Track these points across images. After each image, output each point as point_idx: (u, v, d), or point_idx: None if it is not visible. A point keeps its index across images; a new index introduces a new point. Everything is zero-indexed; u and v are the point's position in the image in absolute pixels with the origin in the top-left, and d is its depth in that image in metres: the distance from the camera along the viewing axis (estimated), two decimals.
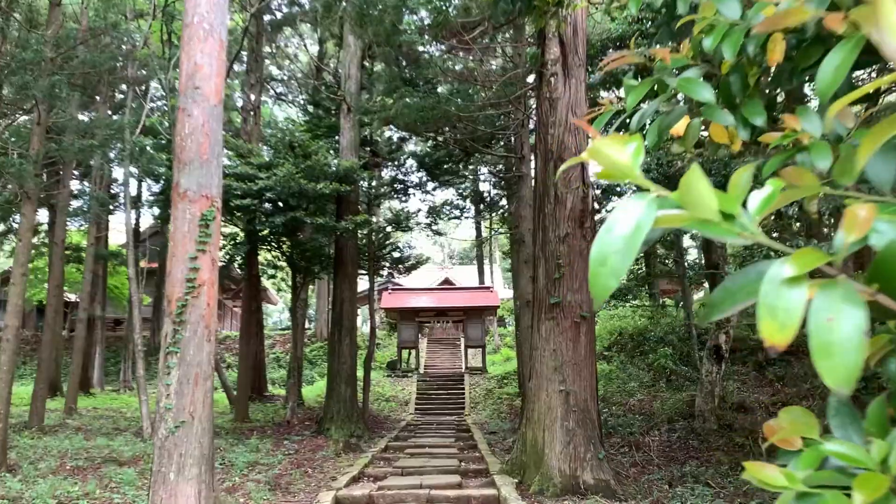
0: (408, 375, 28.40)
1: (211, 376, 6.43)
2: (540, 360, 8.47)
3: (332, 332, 16.76)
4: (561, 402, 8.15)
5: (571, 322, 8.34)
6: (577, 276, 8.46)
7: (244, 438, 14.76)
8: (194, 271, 6.42)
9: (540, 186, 9.01)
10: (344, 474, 9.89)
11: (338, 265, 16.94)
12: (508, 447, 13.88)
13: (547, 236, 8.69)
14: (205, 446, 6.20)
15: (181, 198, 6.57)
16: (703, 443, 13.81)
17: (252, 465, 11.49)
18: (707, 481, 10.66)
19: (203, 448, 6.18)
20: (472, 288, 33.64)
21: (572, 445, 7.99)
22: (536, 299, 8.77)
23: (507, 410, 21.65)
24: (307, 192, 14.89)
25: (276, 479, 9.70)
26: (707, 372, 15.10)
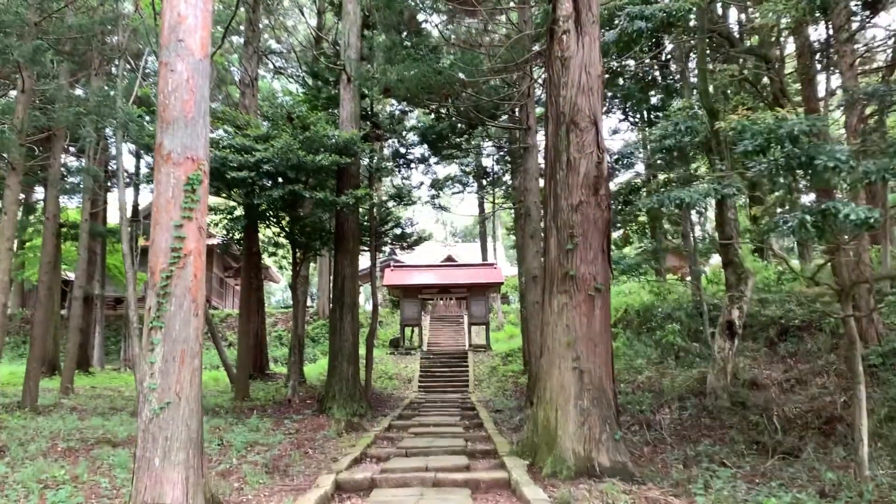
0: (411, 353, 28.04)
1: (199, 354, 5.95)
2: (552, 336, 7.98)
3: (333, 308, 16.31)
4: (574, 380, 7.68)
5: (585, 295, 7.84)
6: (592, 247, 7.94)
7: (244, 418, 14.37)
8: (179, 240, 5.91)
9: (551, 152, 8.46)
10: (345, 455, 9.47)
11: (338, 240, 16.43)
12: (515, 426, 13.46)
13: (559, 205, 8.16)
14: (192, 429, 5.74)
15: (165, 160, 6.04)
16: (716, 421, 13.40)
17: (251, 446, 11.08)
18: (723, 461, 10.25)
19: (191, 431, 5.71)
20: (475, 264, 33.17)
21: (587, 426, 7.53)
22: (548, 272, 8.25)
23: (511, 388, 21.27)
24: (306, 164, 14.34)
25: (275, 461, 9.28)
26: (719, 348, 14.66)
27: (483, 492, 7.14)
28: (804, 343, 17.75)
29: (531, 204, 16.55)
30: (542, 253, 8.47)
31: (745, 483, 8.35)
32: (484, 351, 27.69)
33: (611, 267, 8.13)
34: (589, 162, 8.06)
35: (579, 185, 8.03)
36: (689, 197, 7.81)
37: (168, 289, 5.81)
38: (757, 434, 12.31)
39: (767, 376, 17.18)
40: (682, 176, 11.21)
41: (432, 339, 30.74)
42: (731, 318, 14.63)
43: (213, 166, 14.21)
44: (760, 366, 17.84)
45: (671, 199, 7.95)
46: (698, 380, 16.21)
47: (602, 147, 8.15)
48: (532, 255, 16.41)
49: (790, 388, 15.38)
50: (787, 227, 6.49)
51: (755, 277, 15.20)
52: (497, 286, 30.44)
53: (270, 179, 14.50)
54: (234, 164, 14.07)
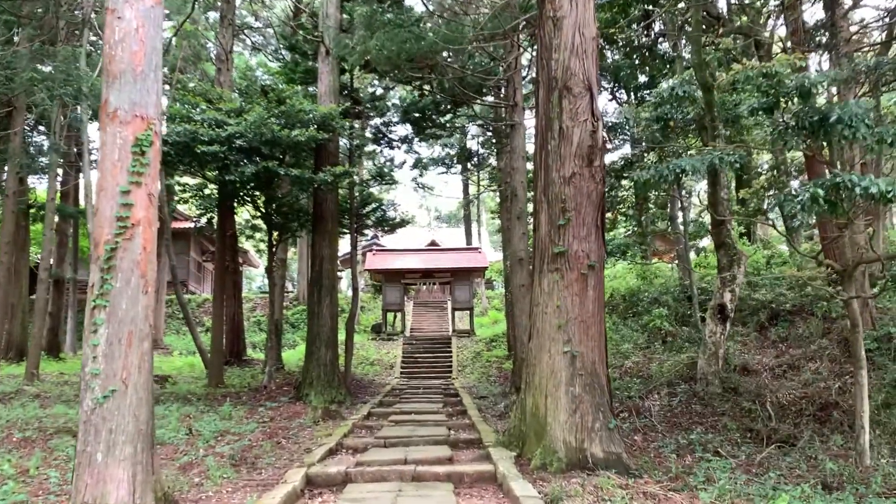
0: (393, 339, 27.45)
1: (149, 336, 5.29)
2: (542, 318, 7.40)
3: (310, 292, 15.64)
4: (566, 364, 7.12)
5: (578, 274, 7.26)
6: (585, 222, 7.35)
7: (216, 405, 13.72)
8: (126, 208, 5.23)
9: (542, 120, 7.84)
10: (320, 446, 8.87)
11: (316, 221, 15.73)
12: (500, 413, 12.93)
13: (550, 177, 7.56)
14: (141, 420, 5.09)
15: (111, 119, 5.34)
16: (707, 407, 12.98)
17: (221, 435, 10.47)
18: (717, 450, 9.82)
19: (139, 422, 5.07)
20: (459, 249, 32.56)
21: (579, 414, 6.98)
22: (537, 250, 7.66)
23: (496, 374, 20.77)
24: (281, 139, 13.62)
25: (244, 452, 8.66)
26: (710, 332, 14.24)
27: (467, 486, 6.58)
28: (795, 328, 17.41)
29: (518, 184, 15.95)
30: (533, 229, 7.86)
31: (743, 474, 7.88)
32: (468, 336, 27.18)
33: (605, 244, 7.56)
34: (583, 130, 7.46)
35: (572, 156, 7.43)
36: (691, 166, 7.25)
37: (113, 262, 5.14)
38: (750, 421, 11.92)
39: (758, 362, 16.81)
40: (677, 151, 10.65)
41: (415, 325, 30.16)
42: (723, 301, 14.19)
43: (182, 140, 13.48)
44: (751, 351, 17.47)
45: (671, 170, 7.38)
46: (688, 365, 15.82)
47: (597, 115, 7.55)
48: (518, 237, 15.83)
49: (782, 373, 15.03)
50: (798, 201, 5.95)
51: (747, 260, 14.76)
52: (481, 271, 29.90)
53: (244, 155, 13.74)
54: (205, 139, 13.32)
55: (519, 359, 15.38)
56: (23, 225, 24.56)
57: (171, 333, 31.38)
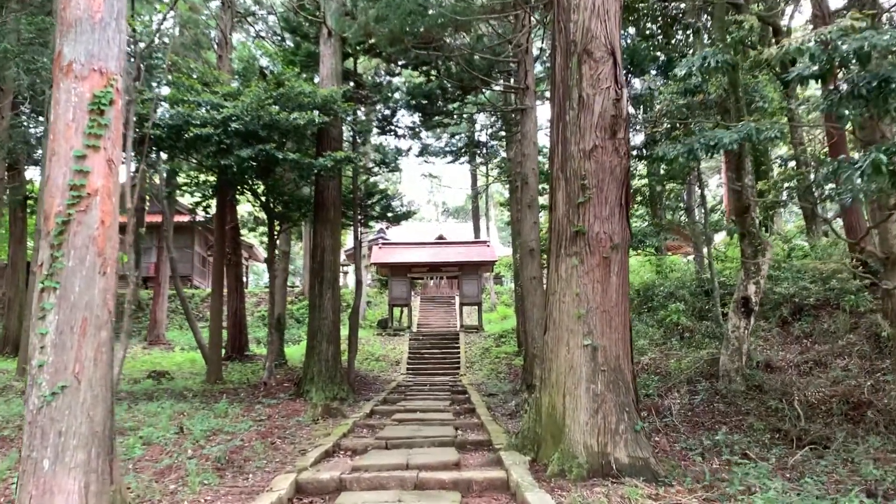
0: (399, 334, 26.74)
1: (108, 324, 4.56)
2: (559, 308, 6.64)
3: (311, 284, 14.92)
4: (586, 359, 6.35)
5: (599, 258, 6.49)
6: (608, 200, 6.58)
7: (212, 402, 13.05)
8: (81, 175, 4.50)
9: (559, 89, 7.07)
10: (316, 447, 8.15)
11: (318, 209, 15.00)
12: (511, 411, 12.19)
13: (568, 151, 6.79)
14: (96, 421, 4.37)
15: (64, 73, 4.62)
16: (731, 406, 12.19)
17: (212, 434, 9.77)
18: (745, 452, 9.02)
19: (94, 423, 4.35)
20: (467, 242, 31.77)
21: (601, 414, 6.22)
22: (554, 231, 6.90)
23: (505, 370, 20.00)
24: (279, 122, 12.90)
25: (232, 454, 7.94)
26: (734, 327, 13.44)
27: (476, 495, 5.83)
28: (820, 322, 16.59)
29: (529, 171, 15.17)
30: (549, 209, 7.09)
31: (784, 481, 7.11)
32: (476, 332, 26.42)
33: (629, 225, 6.79)
34: (605, 99, 6.68)
35: (593, 127, 6.65)
36: (729, 138, 6.46)
37: (65, 238, 4.41)
38: (777, 421, 11.11)
39: (782, 358, 16.00)
40: (704, 131, 9.82)
41: (422, 320, 29.44)
42: (747, 293, 13.39)
43: (175, 123, 12.80)
44: (774, 347, 16.67)
45: (702, 144, 6.60)
46: (708, 361, 15.05)
47: (621, 81, 6.77)
48: (529, 227, 15.06)
49: (808, 370, 14.25)
50: (857, 169, 5.16)
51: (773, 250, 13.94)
52: (490, 265, 29.13)
53: (240, 139, 13.01)
54: (198, 122, 12.62)
55: (530, 355, 14.62)
56: (20, 217, 23.99)
57: (174, 328, 30.79)
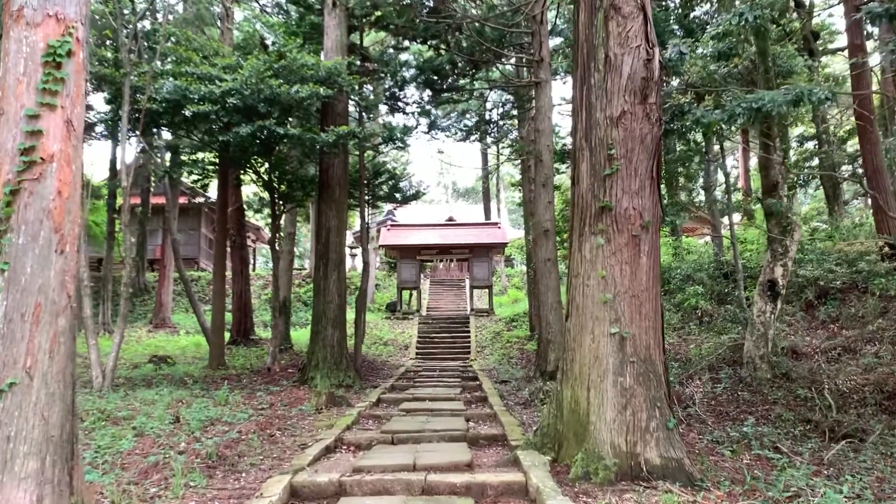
0: (408, 318, 26.17)
1: (67, 310, 3.94)
2: (582, 292, 5.97)
3: (316, 266, 14.31)
4: (613, 349, 5.70)
5: (628, 237, 5.81)
6: (637, 172, 5.89)
7: (213, 389, 12.53)
8: (33, 136, 3.87)
9: (582, 49, 6.35)
10: (317, 441, 7.56)
11: (322, 188, 14.35)
12: (525, 400, 11.57)
13: (593, 118, 6.10)
14: (53, 423, 3.76)
15: (14, 20, 3.97)
16: (757, 395, 11.54)
17: (210, 425, 9.22)
18: (776, 445, 8.38)
19: (49, 426, 3.74)
20: (477, 224, 31.06)
21: (630, 410, 5.57)
22: (577, 207, 6.22)
23: (517, 355, 19.39)
24: (280, 96, 12.23)
25: (226, 449, 7.37)
26: (759, 311, 12.77)
27: (491, 501, 5.21)
28: (847, 306, 15.86)
29: (543, 148, 14.43)
30: (571, 182, 6.39)
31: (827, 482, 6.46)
32: (487, 315, 25.82)
33: (661, 200, 6.10)
34: (635, 59, 5.97)
35: (622, 91, 5.94)
36: (772, 101, 5.75)
37: (13, 210, 3.79)
38: (807, 411, 10.46)
39: (808, 344, 15.30)
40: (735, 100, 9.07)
41: (432, 303, 28.86)
42: (774, 276, 12.70)
43: (172, 98, 12.16)
44: (798, 332, 15.97)
45: (745, 108, 5.89)
46: (731, 348, 14.39)
47: (652, 40, 6.05)
48: (544, 207, 14.35)
49: (837, 357, 13.56)
50: None
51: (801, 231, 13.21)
52: (501, 247, 28.44)
53: (240, 115, 12.36)
54: (195, 97, 11.98)
55: (544, 340, 13.99)
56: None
57: (181, 311, 30.39)
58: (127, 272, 12.70)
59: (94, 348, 12.31)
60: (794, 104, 6.02)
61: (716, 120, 6.22)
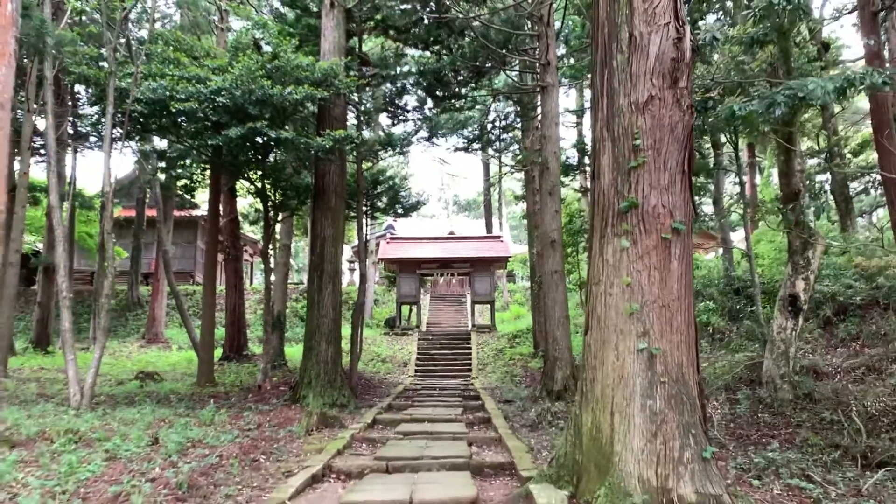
0: (408, 333, 25.37)
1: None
2: (604, 302, 5.23)
3: (310, 278, 13.57)
4: (641, 367, 4.95)
5: (657, 238, 5.09)
6: (667, 165, 5.17)
7: (199, 408, 11.75)
8: None
9: (603, 27, 5.65)
10: (304, 468, 6.77)
11: (317, 196, 13.64)
12: (532, 422, 10.76)
13: (616, 105, 5.39)
14: None
15: None
16: (778, 417, 10.78)
17: (189, 448, 8.44)
18: (807, 473, 7.61)
19: None
20: (479, 237, 30.34)
21: (660, 438, 4.81)
22: (598, 206, 5.49)
23: (521, 373, 18.58)
24: (273, 98, 11.57)
25: (201, 477, 6.58)
26: (779, 328, 12.02)
27: None
28: (868, 323, 15.10)
29: (550, 155, 13.74)
30: (591, 177, 5.66)
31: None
32: (488, 332, 25.02)
33: (693, 198, 5.37)
34: (663, 38, 5.27)
35: (648, 74, 5.24)
36: (819, 88, 5.05)
37: None
38: (835, 435, 9.68)
39: (829, 363, 14.52)
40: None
41: (432, 319, 28.06)
42: (796, 290, 11.95)
43: (157, 97, 11.51)
44: (818, 350, 15.20)
45: (787, 96, 5.18)
46: (748, 366, 13.61)
47: (682, 17, 5.36)
48: (551, 216, 13.64)
49: (861, 377, 12.77)
50: None
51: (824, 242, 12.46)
52: (504, 261, 27.69)
53: (230, 117, 11.69)
54: (182, 95, 11.32)
55: (551, 357, 13.22)
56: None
57: (175, 326, 29.59)
58: (108, 282, 11.94)
59: (71, 364, 11.55)
60: (841, 92, 5.32)
61: (752, 112, 5.51)
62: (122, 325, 29.22)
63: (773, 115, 5.62)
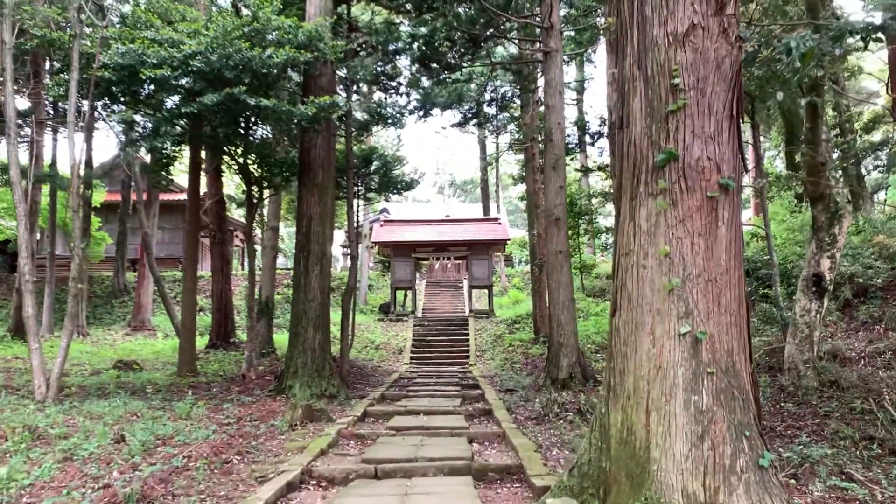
0: (403, 319, 24.43)
1: None
2: (636, 277, 4.29)
3: (296, 259, 12.60)
4: (684, 355, 4.03)
5: (701, 198, 4.15)
6: (713, 108, 4.22)
7: (176, 400, 10.83)
8: None
9: None
10: (280, 474, 5.84)
11: (303, 171, 12.64)
12: (537, 414, 9.83)
13: (648, 36, 4.43)
14: None
15: None
16: (804, 406, 9.92)
17: (158, 446, 7.53)
18: (846, 471, 6.73)
19: None
20: (476, 219, 29.33)
21: (708, 442, 3.89)
22: (626, 159, 4.52)
23: (521, 360, 17.67)
24: (252, 62, 10.54)
25: (159, 484, 5.65)
26: (803, 310, 11.13)
27: None
28: (890, 306, 14.25)
29: (553, 125, 12.75)
30: (617, 125, 4.67)
31: None
32: (486, 317, 24.09)
33: (742, 149, 4.42)
34: None
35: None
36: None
37: None
38: (867, 426, 8.81)
39: (851, 347, 13.65)
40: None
41: (428, 304, 27.12)
42: (820, 269, 11.06)
43: (126, 62, 10.48)
44: (838, 334, 14.34)
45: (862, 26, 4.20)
46: (767, 352, 12.74)
47: None
48: (555, 192, 12.66)
49: (888, 362, 11.94)
50: None
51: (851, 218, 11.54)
52: (502, 244, 26.72)
53: (205, 83, 10.66)
54: (154, 61, 10.29)
55: (555, 343, 12.30)
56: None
57: (162, 313, 28.59)
58: (76, 264, 10.97)
59: (36, 353, 10.58)
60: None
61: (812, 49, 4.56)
62: (107, 313, 28.21)
63: (841, 44, 4.64)
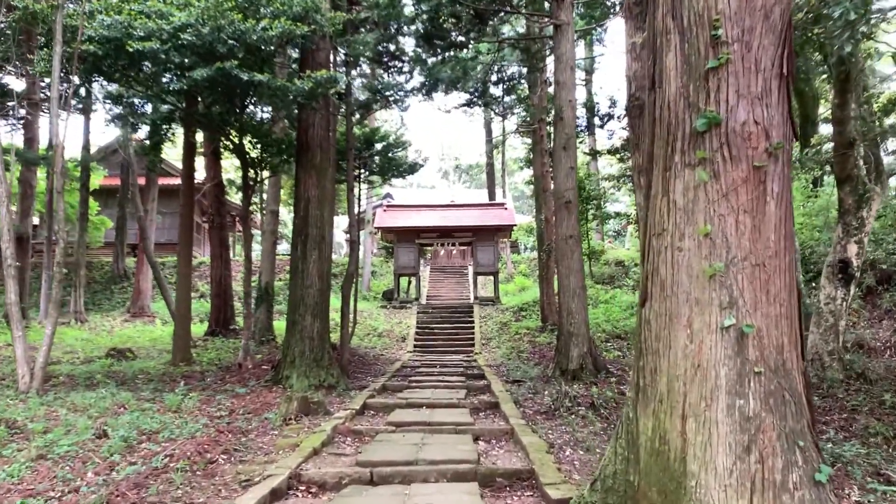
0: (406, 306, 23.90)
1: None
2: (671, 261, 3.70)
3: (293, 244, 12.03)
4: (727, 352, 3.45)
5: (748, 169, 3.54)
6: (760, 64, 3.61)
7: (167, 390, 10.32)
8: None
9: None
10: (266, 478, 5.29)
11: (300, 152, 12.04)
12: (547, 408, 9.27)
13: None
14: None
15: None
16: (829, 399, 9.35)
17: (141, 442, 7.02)
18: (883, 471, 6.18)
19: None
20: (482, 204, 28.68)
21: (756, 454, 3.32)
22: (661, 125, 3.91)
23: (528, 349, 17.11)
24: (245, 35, 9.92)
25: (131, 490, 5.11)
26: (828, 298, 10.54)
27: None
28: None
29: (564, 102, 12.10)
30: (648, 86, 4.04)
31: None
32: (492, 304, 23.53)
33: (792, 112, 3.81)
34: None
35: None
36: None
37: None
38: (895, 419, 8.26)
39: (876, 336, 13.07)
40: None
41: (432, 291, 26.55)
42: (847, 255, 10.45)
43: (112, 35, 9.87)
44: (861, 323, 13.74)
45: None
46: None
47: None
48: (565, 174, 12.03)
49: None
50: None
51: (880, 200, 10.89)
52: (508, 229, 26.10)
53: (196, 57, 10.05)
54: (142, 33, 9.68)
55: (565, 332, 11.72)
56: None
57: (161, 299, 28.14)
58: (61, 248, 10.42)
59: (19, 341, 10.07)
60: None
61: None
62: (106, 299, 27.76)
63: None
